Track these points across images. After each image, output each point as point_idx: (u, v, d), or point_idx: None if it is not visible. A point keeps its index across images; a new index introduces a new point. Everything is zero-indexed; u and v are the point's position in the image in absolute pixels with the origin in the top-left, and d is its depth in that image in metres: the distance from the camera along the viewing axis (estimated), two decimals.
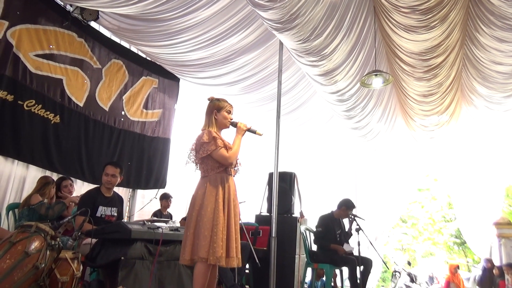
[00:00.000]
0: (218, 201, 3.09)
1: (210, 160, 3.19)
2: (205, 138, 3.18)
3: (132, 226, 3.62)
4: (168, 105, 6.86)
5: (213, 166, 3.19)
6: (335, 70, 6.37)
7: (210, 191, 3.11)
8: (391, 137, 9.63)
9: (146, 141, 6.44)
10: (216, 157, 3.16)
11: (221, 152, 3.16)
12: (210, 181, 3.16)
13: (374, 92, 7.81)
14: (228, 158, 3.16)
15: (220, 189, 3.13)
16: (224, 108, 3.36)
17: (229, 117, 3.37)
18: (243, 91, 7.11)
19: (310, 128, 8.91)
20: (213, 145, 3.15)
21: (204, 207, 3.07)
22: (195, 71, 6.46)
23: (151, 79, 6.59)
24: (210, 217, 3.03)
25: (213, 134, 3.20)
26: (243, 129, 3.33)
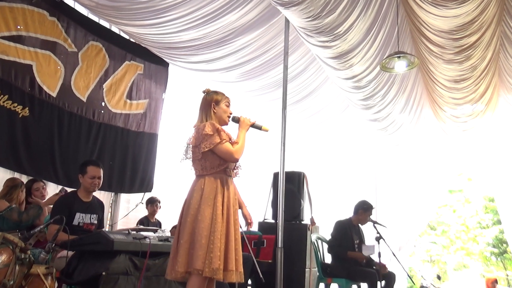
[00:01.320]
0: (217, 205, 3.10)
1: (211, 156, 3.21)
2: (208, 130, 3.18)
3: (114, 236, 3.62)
4: (155, 95, 6.87)
5: (213, 164, 3.21)
6: (350, 52, 6.36)
7: (208, 193, 3.13)
8: (416, 130, 9.62)
9: (130, 136, 6.45)
10: (220, 152, 3.18)
11: (227, 146, 3.19)
12: (208, 181, 3.17)
13: (397, 78, 7.80)
14: (234, 153, 3.19)
15: (219, 191, 3.15)
16: (223, 101, 3.41)
17: (228, 111, 3.41)
18: (243, 77, 7.11)
19: (321, 120, 8.91)
20: (218, 138, 3.17)
21: (201, 211, 3.07)
22: (186, 55, 6.45)
23: (136, 64, 6.58)
24: (207, 223, 3.04)
25: (217, 126, 3.24)
26: (247, 123, 3.38)
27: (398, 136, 9.62)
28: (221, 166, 3.21)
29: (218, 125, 3.25)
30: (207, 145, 3.17)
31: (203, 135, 3.19)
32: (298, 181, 6.19)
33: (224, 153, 3.19)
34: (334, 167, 10.21)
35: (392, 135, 9.50)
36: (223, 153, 3.19)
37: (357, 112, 8.62)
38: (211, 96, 3.42)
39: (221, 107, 3.38)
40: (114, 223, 6.29)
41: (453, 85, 8.09)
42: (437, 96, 8.74)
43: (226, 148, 3.18)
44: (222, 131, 3.23)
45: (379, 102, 8.03)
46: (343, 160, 10.34)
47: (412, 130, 9.55)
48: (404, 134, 9.58)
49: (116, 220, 6.33)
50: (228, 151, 3.18)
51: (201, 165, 3.23)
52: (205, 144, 3.18)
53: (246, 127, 3.37)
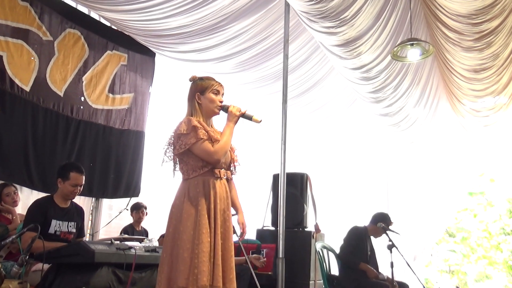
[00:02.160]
0: (201, 212, 3.03)
1: (191, 158, 3.15)
2: (182, 129, 3.13)
3: (96, 246, 3.61)
4: (141, 88, 6.86)
5: (195, 166, 3.15)
6: (358, 39, 6.36)
7: (191, 200, 3.08)
8: (432, 126, 9.62)
9: (114, 135, 6.43)
10: (197, 152, 3.11)
11: (204, 145, 3.10)
12: (191, 186, 3.12)
13: (410, 68, 7.79)
14: (213, 153, 3.11)
15: (203, 196, 3.09)
16: (209, 88, 3.30)
17: (217, 100, 3.31)
18: (238, 68, 7.11)
19: (326, 115, 8.90)
20: (193, 137, 3.10)
21: (183, 221, 3.03)
22: (175, 43, 6.44)
23: (119, 54, 6.57)
24: (190, 234, 2.99)
25: (193, 123, 3.13)
26: (236, 114, 3.26)
27: (412, 132, 9.61)
28: (205, 167, 3.15)
29: (195, 121, 3.15)
30: (182, 146, 3.11)
31: (177, 135, 3.15)
32: (300, 183, 6.19)
33: (202, 153, 3.11)
34: (341, 168, 10.20)
35: (405, 131, 9.49)
36: (200, 153, 3.11)
37: (366, 106, 8.62)
38: (195, 84, 3.35)
39: (207, 97, 3.29)
40: (95, 232, 6.28)
41: (473, 75, 8.09)
42: (455, 87, 8.74)
43: (204, 148, 3.10)
44: (201, 128, 3.13)
45: (391, 95, 8.03)
46: (350, 160, 10.33)
47: (428, 126, 9.54)
48: (419, 130, 9.57)
49: (97, 228, 6.32)
50: (206, 151, 3.10)
51: (182, 168, 3.19)
52: (180, 145, 3.12)
53: (233, 118, 3.26)
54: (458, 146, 10.34)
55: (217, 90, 3.33)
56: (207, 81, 3.35)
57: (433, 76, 8.61)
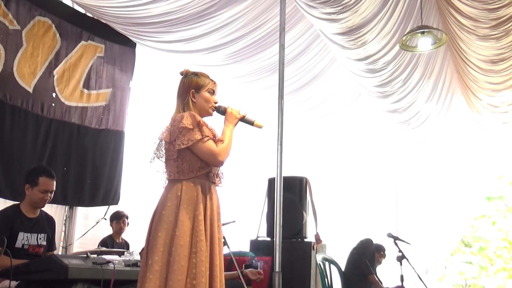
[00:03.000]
0: (199, 218, 3.03)
1: (189, 156, 3.13)
2: (186, 123, 3.10)
3: (69, 261, 3.58)
4: (120, 83, 6.82)
5: (192, 166, 3.13)
6: (363, 27, 6.37)
7: (188, 203, 3.05)
8: (445, 123, 9.65)
9: (90, 135, 6.39)
10: (200, 151, 3.10)
11: (209, 145, 3.11)
12: (186, 188, 3.09)
13: (421, 58, 7.81)
14: (218, 154, 3.13)
15: (201, 201, 3.08)
16: (205, 87, 3.33)
17: (212, 100, 3.34)
18: (229, 59, 7.10)
19: (327, 112, 8.91)
20: (198, 134, 3.10)
21: (179, 225, 2.99)
22: (158, 32, 6.42)
23: (95, 45, 6.53)
24: (187, 241, 2.97)
25: (198, 119, 3.15)
26: (236, 117, 3.30)
27: (423, 131, 9.64)
28: (203, 169, 3.14)
29: (199, 118, 3.17)
30: (184, 142, 3.07)
31: (179, 128, 3.10)
32: (299, 188, 6.18)
33: (206, 153, 3.10)
34: (344, 171, 10.21)
35: (416, 129, 9.52)
36: (204, 153, 3.10)
37: (372, 102, 8.62)
38: (189, 79, 3.35)
39: (203, 95, 3.31)
40: (69, 245, 6.23)
41: (490, 66, 8.11)
42: (471, 80, 8.76)
43: (209, 147, 3.11)
44: (205, 125, 3.15)
45: (400, 89, 8.04)
46: (355, 162, 10.35)
47: (441, 123, 9.57)
48: (431, 128, 9.60)
49: (71, 240, 6.28)
50: (210, 151, 3.11)
51: (177, 166, 3.14)
52: (182, 140, 3.08)
53: (234, 121, 3.29)
54: (474, 146, 10.37)
55: (213, 89, 3.38)
56: (203, 79, 3.37)
57: (446, 68, 8.63)
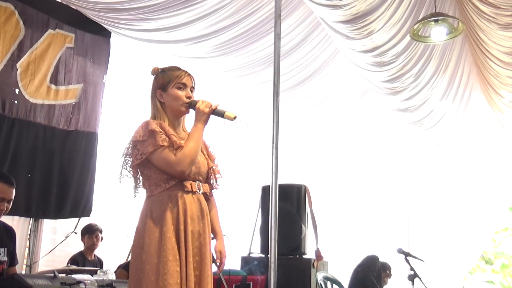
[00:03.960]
0: (166, 235, 3.02)
1: (152, 170, 3.15)
2: (138, 135, 3.14)
3: (34, 281, 3.57)
4: (92, 77, 6.79)
5: (158, 180, 3.14)
6: (369, 14, 6.38)
7: (154, 221, 3.07)
8: (463, 124, 9.67)
9: (57, 137, 6.36)
10: (157, 163, 3.11)
11: (163, 154, 3.10)
12: (155, 204, 3.11)
13: (435, 50, 7.82)
14: (175, 163, 3.09)
15: (168, 215, 3.07)
16: (172, 82, 3.28)
17: (183, 96, 3.28)
18: (218, 51, 7.09)
19: (329, 112, 8.92)
20: (150, 145, 3.09)
21: (145, 247, 3.02)
22: (136, 20, 6.41)
23: (63, 34, 6.51)
24: (154, 263, 2.98)
25: (151, 127, 3.12)
26: (205, 111, 3.20)
27: (438, 132, 9.66)
28: (172, 180, 3.13)
29: (154, 125, 3.14)
30: (138, 157, 3.11)
31: (132, 143, 3.16)
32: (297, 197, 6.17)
33: (162, 165, 3.11)
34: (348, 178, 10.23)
35: (429, 131, 9.54)
36: (160, 165, 3.11)
37: (379, 100, 8.63)
38: (155, 79, 3.35)
39: (170, 93, 3.28)
40: (33, 263, 6.19)
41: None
42: (491, 75, 8.78)
43: (163, 157, 3.10)
44: (160, 133, 3.12)
45: (411, 85, 8.06)
46: (360, 168, 10.36)
47: (457, 124, 9.60)
48: (446, 129, 9.62)
49: (36, 258, 6.24)
50: (166, 162, 3.10)
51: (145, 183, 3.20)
52: (136, 155, 3.13)
53: (202, 117, 3.22)
54: (495, 150, 10.40)
55: (183, 83, 3.31)
56: (169, 73, 3.33)
57: (464, 61, 8.65)
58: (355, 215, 9.95)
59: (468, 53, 8.70)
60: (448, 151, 10.40)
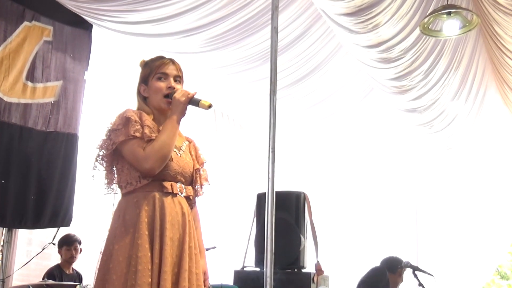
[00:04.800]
0: (137, 241, 2.92)
1: (125, 165, 3.10)
2: (114, 122, 3.10)
3: None
4: (72, 74, 6.79)
5: (129, 177, 3.07)
6: (375, 6, 6.39)
7: (126, 225, 3.00)
8: (477, 126, 9.69)
9: (35, 140, 6.35)
10: (126, 156, 3.06)
11: (132, 147, 3.03)
12: (129, 205, 3.04)
13: (446, 45, 7.84)
14: (143, 159, 2.99)
15: (143, 219, 2.98)
16: (151, 74, 3.24)
17: (163, 87, 3.21)
18: (210, 45, 7.11)
19: (330, 111, 8.93)
20: (122, 135, 3.04)
21: (113, 255, 2.95)
22: (121, 11, 6.41)
23: (41, 27, 6.51)
24: (122, 273, 2.89)
25: (127, 114, 3.07)
26: (180, 101, 3.11)
27: (449, 135, 9.68)
28: (144, 178, 3.05)
29: (131, 113, 3.09)
30: (109, 146, 3.07)
31: (108, 131, 3.11)
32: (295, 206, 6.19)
33: (130, 158, 3.05)
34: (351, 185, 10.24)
35: (440, 133, 9.56)
36: (129, 158, 3.06)
37: (386, 99, 8.65)
38: (140, 72, 3.31)
39: (151, 85, 3.22)
40: (7, 277, 6.18)
41: None
42: (508, 73, 8.81)
43: (131, 150, 3.03)
44: (135, 122, 3.05)
45: (420, 83, 8.07)
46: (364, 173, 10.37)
47: (470, 126, 9.62)
48: (458, 132, 9.64)
49: (10, 271, 6.23)
50: (133, 156, 3.03)
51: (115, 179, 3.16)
52: (107, 144, 3.09)
53: (178, 107, 3.11)
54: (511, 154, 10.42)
55: (163, 72, 3.24)
56: (151, 64, 3.28)
57: (478, 57, 8.67)
58: (358, 225, 9.97)
59: (483, 49, 8.72)
60: (460, 155, 10.41)
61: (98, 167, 3.17)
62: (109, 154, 3.09)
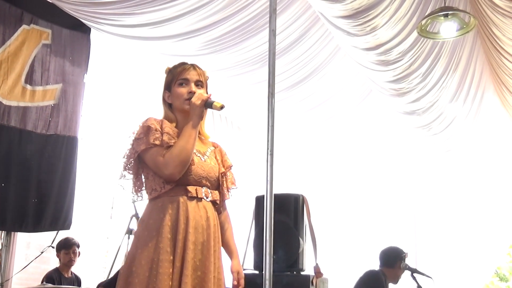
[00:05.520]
0: (159, 245, 3.00)
1: (150, 172, 3.17)
2: (137, 132, 3.18)
3: None
4: (72, 77, 6.78)
5: (154, 183, 3.14)
6: (372, 8, 6.40)
7: (149, 228, 3.06)
8: (475, 128, 9.69)
9: (35, 143, 6.34)
10: (149, 164, 3.14)
11: (153, 155, 3.11)
12: (153, 210, 3.12)
13: (444, 47, 7.84)
14: (163, 165, 3.07)
15: (166, 223, 3.04)
16: (174, 81, 3.30)
17: (185, 92, 3.26)
18: (207, 48, 7.11)
19: (329, 115, 8.93)
20: (143, 143, 3.12)
21: (136, 258, 3.01)
22: (119, 14, 6.41)
23: (39, 30, 6.50)
24: (144, 276, 2.95)
25: (149, 123, 3.14)
26: (196, 104, 3.16)
27: (448, 137, 9.67)
28: (168, 184, 3.12)
29: (153, 121, 3.16)
30: (132, 156, 3.17)
31: (132, 141, 3.19)
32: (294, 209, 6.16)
33: (151, 165, 3.14)
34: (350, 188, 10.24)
35: (439, 135, 9.55)
36: (150, 165, 3.15)
37: (384, 101, 8.65)
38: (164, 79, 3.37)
39: (173, 92, 3.28)
40: (5, 281, 6.16)
41: None
42: (506, 75, 8.81)
43: (152, 158, 3.11)
44: (155, 131, 3.12)
45: (418, 86, 8.07)
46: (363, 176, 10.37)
47: (469, 128, 9.61)
48: (457, 134, 9.64)
49: (8, 275, 6.21)
50: (154, 163, 3.11)
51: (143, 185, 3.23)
52: (131, 154, 3.18)
53: (194, 111, 3.16)
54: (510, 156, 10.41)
55: (184, 78, 3.29)
56: (173, 70, 3.33)
57: (476, 60, 8.68)
58: (357, 228, 9.96)
59: (481, 51, 8.72)
60: (458, 157, 10.40)
61: (126, 176, 3.23)
62: (134, 163, 3.17)
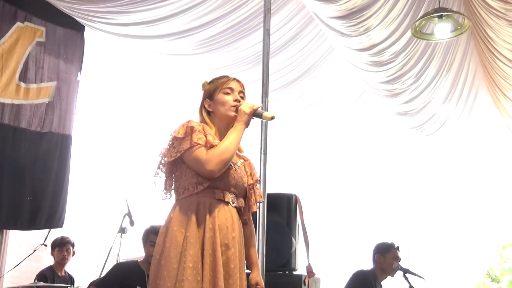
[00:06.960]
0: (189, 240, 3.08)
1: (184, 172, 3.25)
2: (178, 132, 3.25)
3: None
4: (66, 75, 6.76)
5: (187, 183, 3.24)
6: (366, 9, 6.40)
7: (178, 225, 3.15)
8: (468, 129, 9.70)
9: (29, 140, 6.33)
10: (189, 162, 3.22)
11: (196, 152, 3.20)
12: (182, 208, 3.22)
13: (437, 48, 7.85)
14: (204, 162, 3.17)
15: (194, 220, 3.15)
16: (218, 89, 3.44)
17: (230, 100, 3.41)
18: (201, 47, 7.10)
19: (322, 114, 8.92)
20: (187, 142, 3.20)
21: (165, 251, 3.10)
22: (113, 13, 6.39)
23: (33, 28, 6.49)
24: (173, 268, 3.04)
25: (192, 124, 3.24)
26: (245, 112, 3.34)
27: (441, 138, 9.68)
28: (201, 185, 3.21)
29: (195, 123, 3.27)
30: (173, 154, 3.22)
31: (171, 140, 3.26)
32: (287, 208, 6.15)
33: (193, 163, 3.21)
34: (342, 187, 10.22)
35: (431, 136, 9.56)
36: (191, 163, 3.21)
37: (377, 102, 8.64)
38: (204, 91, 3.51)
39: (217, 99, 3.41)
40: None
41: None
42: (499, 76, 8.82)
43: (195, 155, 3.19)
44: (199, 132, 3.23)
45: (411, 86, 8.08)
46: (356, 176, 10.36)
47: (462, 130, 9.62)
48: (450, 135, 9.64)
49: (0, 273, 6.21)
50: (196, 160, 3.19)
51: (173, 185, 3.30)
52: (171, 152, 3.24)
53: (242, 117, 3.33)
54: (503, 157, 10.42)
55: (230, 88, 3.45)
56: (216, 81, 3.50)
57: (469, 61, 8.68)
58: (350, 228, 9.95)
59: (474, 52, 8.73)
60: (451, 158, 10.41)
61: (160, 174, 3.33)
62: (171, 162, 3.25)
